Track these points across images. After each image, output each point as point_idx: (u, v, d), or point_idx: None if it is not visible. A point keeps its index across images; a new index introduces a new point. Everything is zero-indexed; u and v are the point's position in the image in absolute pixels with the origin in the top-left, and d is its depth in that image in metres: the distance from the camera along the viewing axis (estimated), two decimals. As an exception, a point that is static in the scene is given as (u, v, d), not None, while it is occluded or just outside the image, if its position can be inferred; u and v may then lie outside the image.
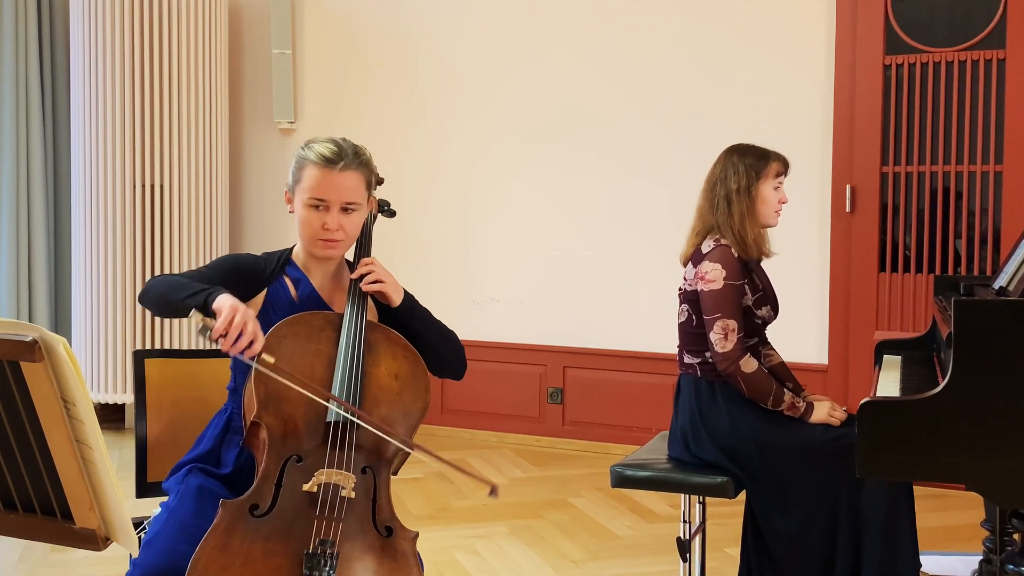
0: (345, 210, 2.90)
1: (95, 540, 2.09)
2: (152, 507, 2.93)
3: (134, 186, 7.06)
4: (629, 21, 6.89)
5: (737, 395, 3.89)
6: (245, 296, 2.91)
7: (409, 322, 3.01)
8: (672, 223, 6.68)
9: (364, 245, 3.10)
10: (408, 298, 3.04)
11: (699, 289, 3.89)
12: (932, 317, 4.31)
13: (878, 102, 6.20)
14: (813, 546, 3.78)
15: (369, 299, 2.99)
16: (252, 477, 2.72)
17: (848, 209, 6.27)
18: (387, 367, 2.86)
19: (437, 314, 3.14)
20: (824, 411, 3.87)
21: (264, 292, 2.97)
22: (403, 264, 7.39)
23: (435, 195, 7.48)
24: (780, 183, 4.03)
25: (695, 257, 3.99)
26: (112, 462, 2.02)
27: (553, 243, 7.15)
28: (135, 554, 2.15)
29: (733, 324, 3.82)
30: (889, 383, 3.70)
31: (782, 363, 4.20)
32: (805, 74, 6.44)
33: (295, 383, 2.65)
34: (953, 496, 5.84)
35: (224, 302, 2.60)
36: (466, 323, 7.31)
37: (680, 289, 4.05)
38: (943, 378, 2.85)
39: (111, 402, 7.20)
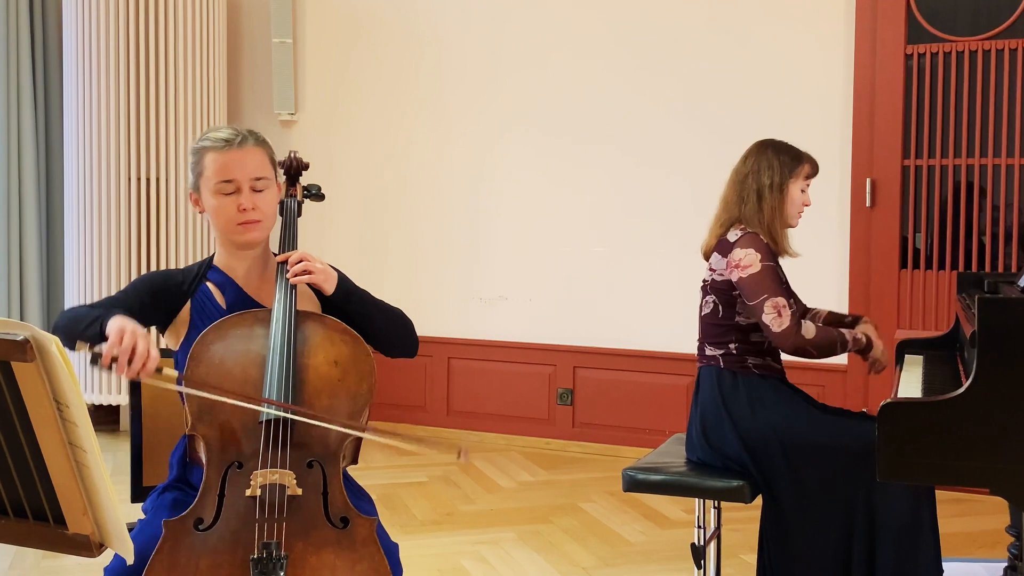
0: (255, 189, 2.92)
1: (89, 546, 2.09)
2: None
3: (129, 179, 7.05)
4: (642, 9, 6.88)
5: (759, 388, 3.94)
6: (168, 314, 2.94)
7: (346, 307, 3.00)
8: (687, 218, 6.67)
9: (290, 236, 3.09)
10: (342, 283, 3.02)
11: (736, 278, 3.93)
12: (955, 315, 4.30)
13: (899, 93, 6.18)
14: (830, 548, 3.79)
15: (308, 290, 3.01)
16: None
17: (868, 204, 6.25)
18: (325, 355, 2.86)
19: (441, 311, 3.13)
20: (881, 347, 4.06)
21: (188, 306, 2.97)
22: (407, 261, 7.41)
23: (440, 188, 7.48)
24: (808, 185, 4.12)
25: (721, 248, 4.03)
26: (106, 465, 2.02)
27: (563, 239, 7.14)
28: (130, 560, 2.15)
29: (782, 300, 3.88)
30: (911, 384, 3.69)
31: (828, 312, 4.38)
32: (824, 64, 6.42)
33: (212, 392, 2.66)
34: (977, 501, 5.83)
35: (112, 325, 2.55)
36: (473, 322, 7.31)
37: (705, 281, 4.09)
38: (967, 378, 2.85)
39: (105, 403, 7.21)
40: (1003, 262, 6.04)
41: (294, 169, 3.24)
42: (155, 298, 2.92)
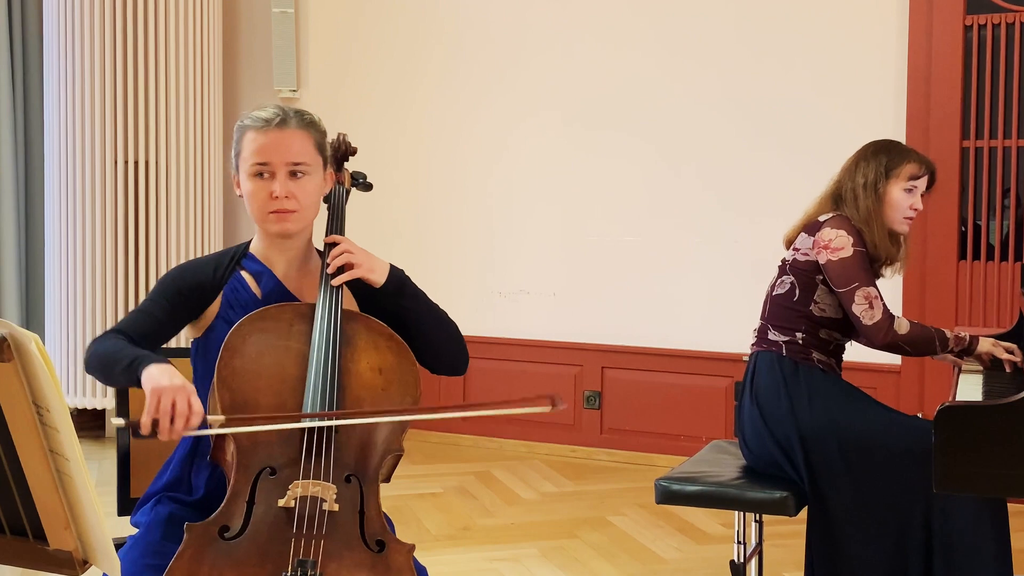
0: (294, 174, 2.87)
1: (72, 563, 2.09)
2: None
3: (116, 162, 7.06)
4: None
5: (821, 382, 3.97)
6: (200, 308, 2.92)
7: (398, 302, 2.99)
8: (724, 205, 6.65)
9: (335, 229, 3.07)
10: (395, 274, 3.00)
11: (825, 260, 3.97)
12: (1019, 310, 4.29)
13: (958, 68, 6.16)
14: (883, 563, 3.79)
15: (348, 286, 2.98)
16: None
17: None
18: (368, 361, 2.84)
19: (457, 307, 3.11)
20: (989, 344, 4.02)
21: (219, 297, 2.96)
22: (419, 252, 7.41)
23: (456, 175, 7.47)
24: (915, 187, 4.12)
25: (811, 227, 4.08)
26: (91, 475, 2.02)
27: (590, 228, 7.13)
28: (117, 578, 2.15)
29: (874, 291, 3.94)
30: (971, 386, 3.69)
31: None
32: (875, 37, 6.39)
33: (263, 424, 2.65)
34: (1044, 514, 5.81)
35: (146, 384, 2.55)
36: (491, 318, 7.31)
37: (785, 260, 4.14)
38: (1033, 380, 2.84)
39: (89, 407, 7.23)
40: (1073, 252, 6.03)
41: (340, 153, 3.20)
42: (184, 297, 2.91)
